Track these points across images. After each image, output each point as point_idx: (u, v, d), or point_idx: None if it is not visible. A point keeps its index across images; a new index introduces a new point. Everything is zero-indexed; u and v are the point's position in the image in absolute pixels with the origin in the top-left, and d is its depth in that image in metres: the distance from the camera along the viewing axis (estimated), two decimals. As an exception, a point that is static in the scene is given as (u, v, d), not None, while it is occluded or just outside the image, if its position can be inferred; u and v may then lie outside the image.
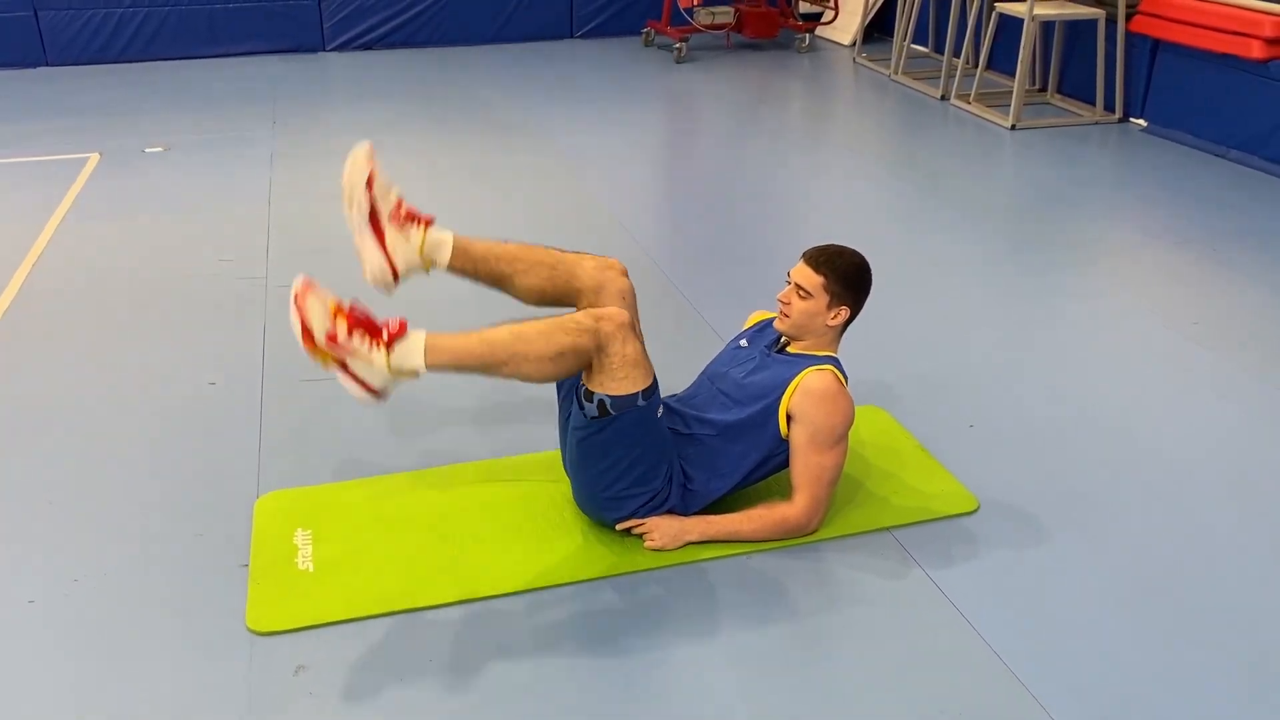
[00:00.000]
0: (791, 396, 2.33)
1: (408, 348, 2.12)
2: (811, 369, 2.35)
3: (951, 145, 5.35)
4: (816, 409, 2.31)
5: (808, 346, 2.43)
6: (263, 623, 2.13)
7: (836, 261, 2.39)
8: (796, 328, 2.41)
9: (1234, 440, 2.78)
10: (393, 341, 2.11)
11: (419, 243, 2.39)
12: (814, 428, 2.31)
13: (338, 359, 2.11)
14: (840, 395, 2.32)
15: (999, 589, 2.24)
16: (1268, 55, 4.72)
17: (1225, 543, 2.39)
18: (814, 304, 2.38)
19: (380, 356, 2.11)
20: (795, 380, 2.34)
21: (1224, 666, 2.04)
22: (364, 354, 2.10)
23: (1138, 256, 3.98)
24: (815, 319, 2.39)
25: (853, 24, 7.39)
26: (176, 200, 4.50)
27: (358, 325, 2.11)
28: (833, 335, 2.45)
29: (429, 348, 2.13)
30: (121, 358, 3.21)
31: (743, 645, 2.09)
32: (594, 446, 2.26)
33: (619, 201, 4.57)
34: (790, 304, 2.40)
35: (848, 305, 2.41)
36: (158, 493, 2.56)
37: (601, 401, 2.18)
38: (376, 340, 2.11)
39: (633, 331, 2.18)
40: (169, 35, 6.98)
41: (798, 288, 2.39)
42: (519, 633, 2.12)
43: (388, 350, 2.11)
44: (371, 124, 5.63)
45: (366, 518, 2.45)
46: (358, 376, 2.13)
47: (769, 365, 2.42)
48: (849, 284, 2.39)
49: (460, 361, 2.15)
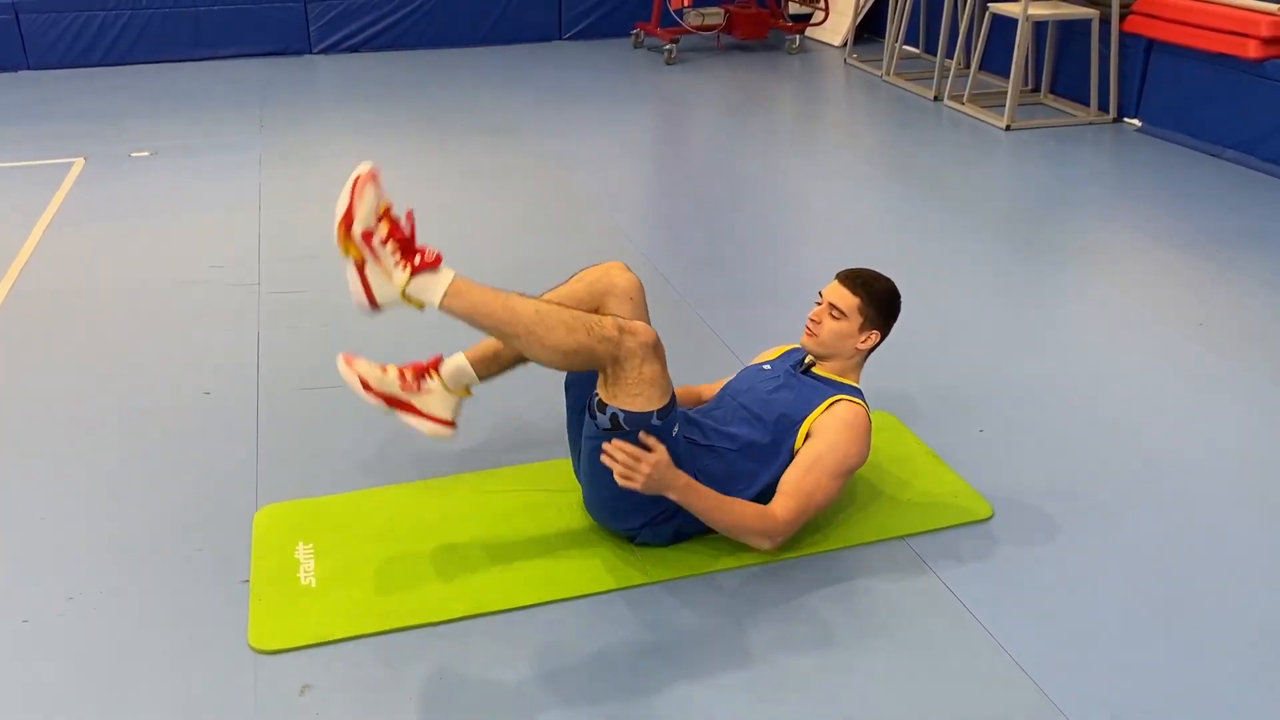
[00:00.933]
0: (818, 419, 2.29)
1: (432, 281, 2.08)
2: (846, 398, 2.31)
3: (948, 146, 5.32)
4: (839, 435, 2.26)
5: (834, 369, 2.41)
6: (266, 640, 2.06)
7: (873, 285, 2.38)
8: (824, 346, 2.39)
9: (1249, 443, 2.75)
10: (421, 269, 2.08)
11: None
12: (829, 450, 2.26)
13: (360, 257, 2.07)
14: (865, 435, 2.29)
15: (1018, 598, 2.20)
16: (1264, 55, 4.71)
17: (1246, 547, 2.36)
18: (846, 325, 2.36)
19: (401, 276, 2.07)
20: (825, 404, 2.30)
21: (1252, 675, 2.01)
22: (387, 266, 2.07)
23: (1140, 258, 3.95)
24: (845, 341, 2.37)
25: (843, 25, 7.37)
26: (164, 205, 4.43)
27: (396, 236, 2.08)
28: (859, 359, 2.43)
29: (452, 290, 2.08)
30: (113, 367, 3.14)
31: (760, 659, 2.04)
32: None
33: (615, 205, 4.52)
34: (821, 323, 2.38)
35: (879, 330, 2.40)
36: (153, 506, 2.49)
37: (614, 415, 2.12)
38: (407, 259, 2.07)
39: (655, 352, 2.11)
40: (153, 38, 6.90)
41: (831, 307, 2.37)
42: (531, 648, 2.07)
43: (411, 274, 2.07)
44: (361, 127, 5.56)
45: (369, 530, 2.39)
46: (368, 282, 2.08)
47: (795, 385, 2.38)
48: (883, 308, 2.39)
49: (475, 316, 2.10)
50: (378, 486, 2.56)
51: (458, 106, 5.95)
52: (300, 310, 3.48)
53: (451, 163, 5.00)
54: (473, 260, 2.12)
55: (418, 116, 5.76)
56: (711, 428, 2.36)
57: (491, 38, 7.44)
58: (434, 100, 6.07)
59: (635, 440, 2.10)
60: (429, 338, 2.73)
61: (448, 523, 2.42)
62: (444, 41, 7.36)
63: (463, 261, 2.44)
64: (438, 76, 6.64)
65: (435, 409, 2.41)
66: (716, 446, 2.33)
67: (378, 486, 2.56)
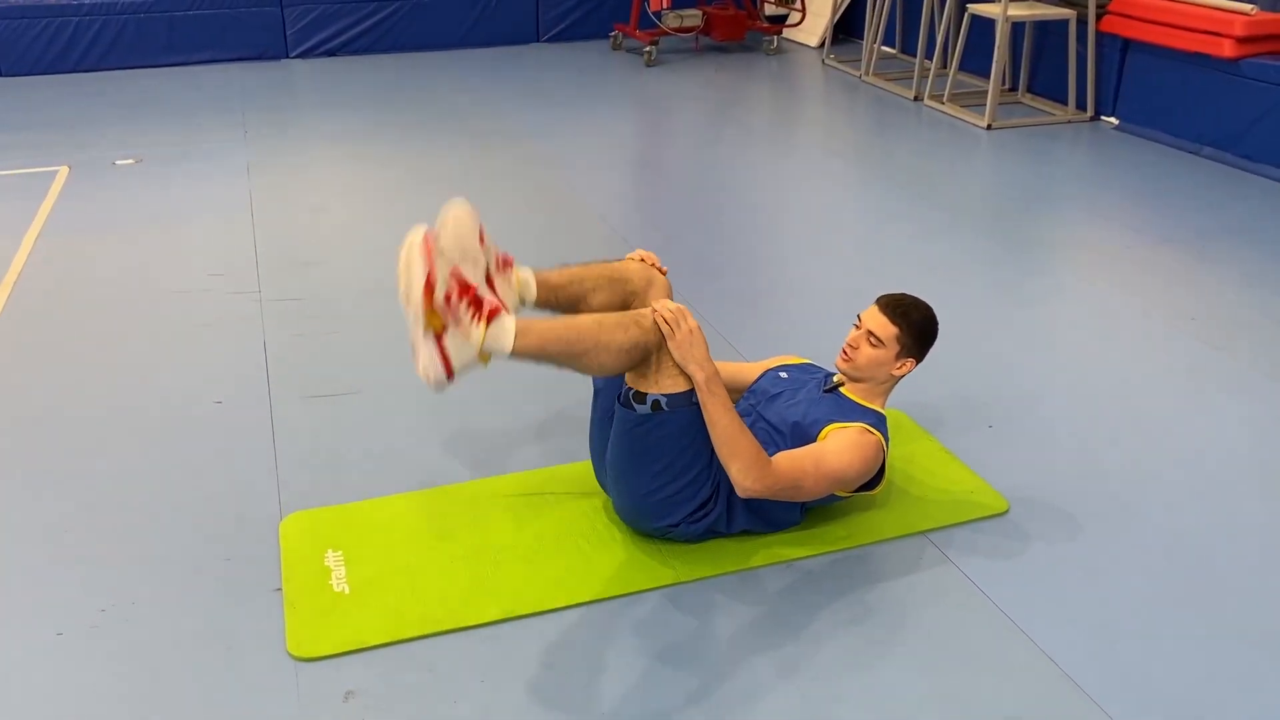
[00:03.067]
0: (834, 431, 2.31)
1: (502, 328, 2.06)
2: (864, 426, 2.31)
3: (930, 146, 5.40)
4: (849, 447, 2.28)
5: (862, 392, 2.42)
6: (305, 648, 2.07)
7: (913, 314, 2.39)
8: (859, 371, 2.40)
9: (1250, 434, 2.83)
10: (492, 317, 2.05)
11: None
12: (835, 453, 2.27)
13: (441, 325, 2.02)
14: (869, 462, 2.29)
15: (1041, 590, 2.25)
16: (1238, 54, 4.82)
17: (1258, 536, 2.43)
18: (884, 353, 2.38)
19: (479, 332, 2.04)
20: (842, 423, 2.31)
21: (1273, 661, 2.07)
22: (465, 325, 2.03)
23: (1127, 254, 4.04)
24: (882, 367, 2.39)
25: (819, 26, 7.44)
26: (156, 213, 4.40)
27: (467, 294, 2.03)
28: (891, 385, 2.44)
29: (520, 330, 2.08)
30: (121, 379, 3.12)
31: (793, 656, 2.08)
32: (646, 447, 2.22)
33: (605, 207, 4.54)
34: (859, 349, 2.39)
35: (915, 358, 2.41)
36: (177, 517, 2.49)
37: (656, 401, 2.17)
38: (479, 314, 2.04)
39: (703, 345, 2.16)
40: (127, 44, 6.83)
41: (870, 334, 2.38)
42: (568, 649, 2.09)
43: (487, 325, 2.04)
44: (345, 132, 5.55)
45: (397, 536, 2.41)
46: (446, 351, 2.03)
47: (816, 401, 2.40)
48: (921, 338, 2.40)
49: (545, 347, 2.10)
50: (399, 492, 2.57)
51: (440, 110, 5.94)
52: (304, 318, 3.48)
53: (438, 167, 5.01)
54: None
55: (401, 121, 5.75)
56: None
57: (469, 40, 7.43)
58: (416, 104, 6.07)
59: (679, 418, 2.16)
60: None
61: (473, 526, 2.43)
62: (421, 45, 7.35)
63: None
64: (417, 80, 6.62)
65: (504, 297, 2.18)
66: None
67: (399, 492, 2.57)
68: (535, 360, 2.13)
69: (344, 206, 4.55)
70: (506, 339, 2.07)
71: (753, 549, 2.35)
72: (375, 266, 3.93)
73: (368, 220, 4.41)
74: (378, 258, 4.02)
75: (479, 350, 2.05)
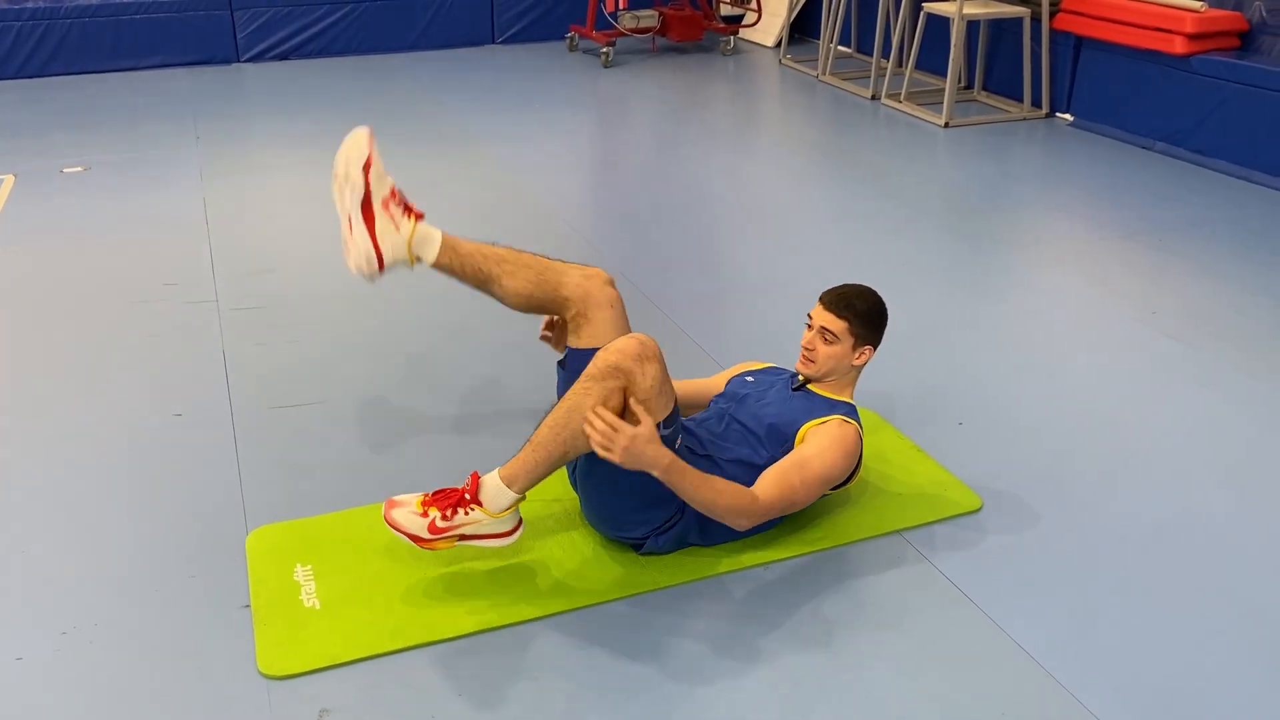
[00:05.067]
0: (811, 430, 2.32)
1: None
2: (840, 418, 2.34)
3: (889, 144, 5.42)
4: (829, 446, 2.29)
5: (829, 388, 2.45)
6: (276, 666, 2.02)
7: (859, 305, 2.41)
8: (823, 370, 2.42)
9: (1215, 424, 2.86)
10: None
11: (408, 234, 2.36)
12: (817, 455, 2.28)
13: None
14: (852, 454, 2.32)
15: (1017, 585, 2.26)
16: (1189, 50, 4.89)
17: (1226, 525, 2.45)
18: (840, 348, 2.40)
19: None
20: (817, 420, 2.33)
21: (1248, 651, 2.09)
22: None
23: (1087, 249, 4.07)
24: (842, 361, 2.42)
25: (775, 26, 7.45)
26: (107, 222, 4.30)
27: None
28: (855, 375, 2.48)
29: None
30: (78, 392, 3.04)
31: (773, 658, 2.06)
32: (603, 470, 2.20)
33: (568, 209, 4.51)
34: (815, 349, 2.41)
35: (871, 345, 2.43)
36: (139, 534, 2.42)
37: None
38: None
39: (656, 361, 2.10)
40: (71, 49, 6.67)
41: (823, 330, 2.39)
42: (547, 660, 2.06)
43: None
44: (301, 136, 5.46)
45: (367, 549, 2.36)
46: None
47: (787, 401, 2.41)
48: (871, 324, 2.43)
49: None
50: (368, 504, 2.52)
51: (396, 114, 5.87)
52: (264, 326, 3.41)
53: (397, 172, 4.91)
54: (434, 275, 2.16)
55: (356, 124, 5.64)
56: (708, 438, 2.37)
57: (423, 43, 7.36)
58: (372, 108, 5.99)
59: None
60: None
61: (446, 537, 2.39)
62: (375, 48, 7.26)
63: (423, 275, 2.45)
64: (372, 84, 6.55)
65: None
66: (714, 457, 2.34)
67: (368, 504, 2.52)
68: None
69: (301, 212, 4.47)
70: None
71: (730, 553, 2.33)
72: (335, 272, 3.85)
73: (326, 225, 4.33)
74: (337, 263, 3.95)
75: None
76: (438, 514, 2.10)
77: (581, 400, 2.08)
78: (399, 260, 2.40)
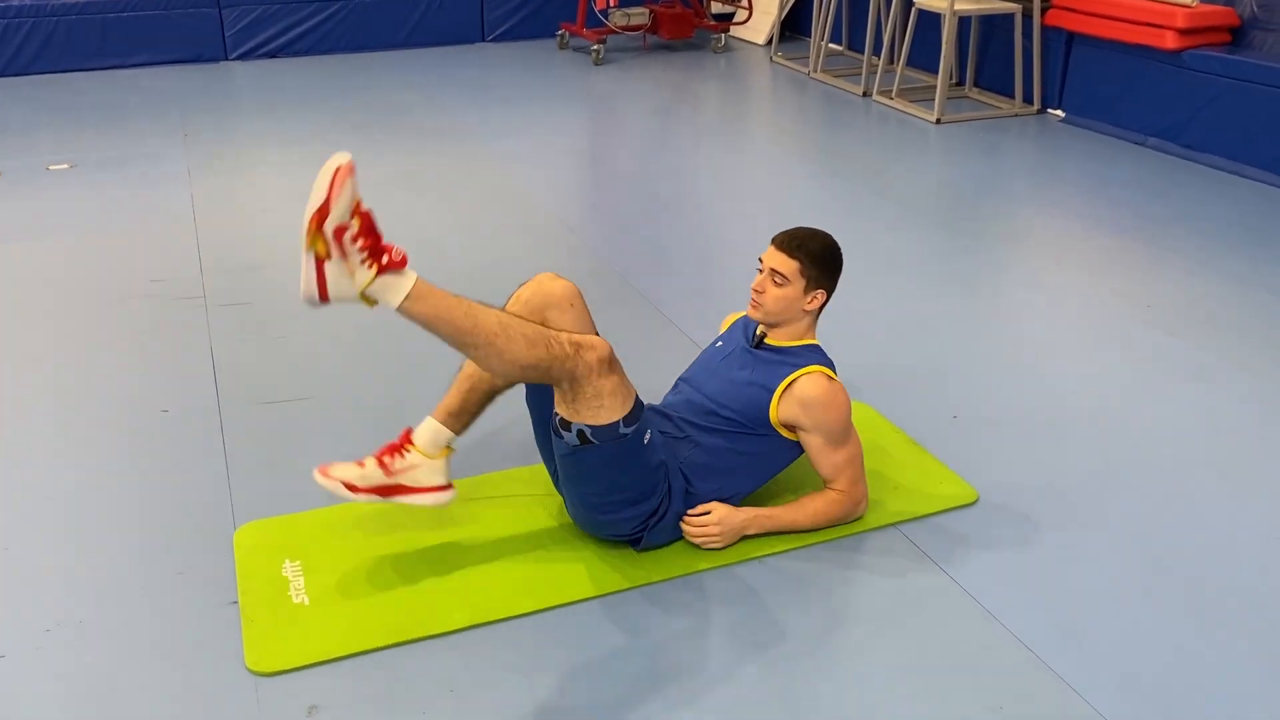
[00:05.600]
0: (781, 402, 2.28)
1: (395, 283, 1.95)
2: (799, 374, 2.29)
3: (881, 140, 5.40)
4: (821, 415, 2.28)
5: (787, 336, 2.37)
6: (264, 663, 1.99)
7: (810, 244, 2.32)
8: (772, 315, 2.34)
9: (1209, 417, 2.84)
10: (386, 269, 1.95)
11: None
12: (824, 432, 2.29)
13: (325, 253, 1.92)
14: (835, 393, 2.29)
15: (1014, 578, 2.23)
16: (1181, 45, 4.88)
17: (1222, 517, 2.44)
18: (791, 290, 2.31)
19: (365, 276, 1.94)
20: (783, 385, 2.28)
21: (1244, 642, 2.07)
22: (353, 263, 1.94)
23: (1081, 244, 4.06)
24: (792, 305, 2.33)
25: (766, 23, 7.44)
26: (93, 219, 4.25)
27: (367, 234, 1.95)
28: (810, 321, 2.39)
29: (415, 294, 1.96)
30: (63, 388, 3.00)
31: (770, 653, 2.03)
32: (581, 472, 2.17)
33: (559, 205, 4.48)
34: (765, 292, 2.32)
35: (824, 289, 2.35)
36: (125, 530, 2.39)
37: (581, 431, 2.08)
38: (374, 260, 1.95)
39: (612, 365, 2.06)
40: (57, 48, 6.62)
41: (773, 273, 2.31)
42: (537, 654, 2.03)
43: (377, 274, 1.94)
44: (290, 134, 5.43)
45: (355, 544, 2.33)
46: (325, 277, 1.94)
47: (751, 364, 2.36)
48: (824, 266, 2.33)
49: (434, 322, 1.99)
50: (357, 500, 2.48)
51: (386, 111, 5.84)
52: (251, 322, 3.37)
53: (387, 168, 4.91)
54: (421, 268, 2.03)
55: (346, 122, 5.64)
56: (681, 419, 2.35)
57: (412, 41, 7.32)
58: (361, 105, 5.96)
59: (609, 450, 2.09)
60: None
61: (435, 532, 2.36)
62: (364, 45, 7.22)
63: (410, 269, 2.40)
64: (361, 81, 6.51)
65: (426, 479, 2.28)
66: (692, 437, 2.32)
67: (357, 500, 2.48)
68: (424, 328, 2.02)
69: (291, 209, 4.41)
70: (393, 297, 1.96)
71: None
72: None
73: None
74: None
75: (359, 292, 1.95)
76: (355, 229, 1.95)
77: (535, 345, 2.00)
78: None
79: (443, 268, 3.77)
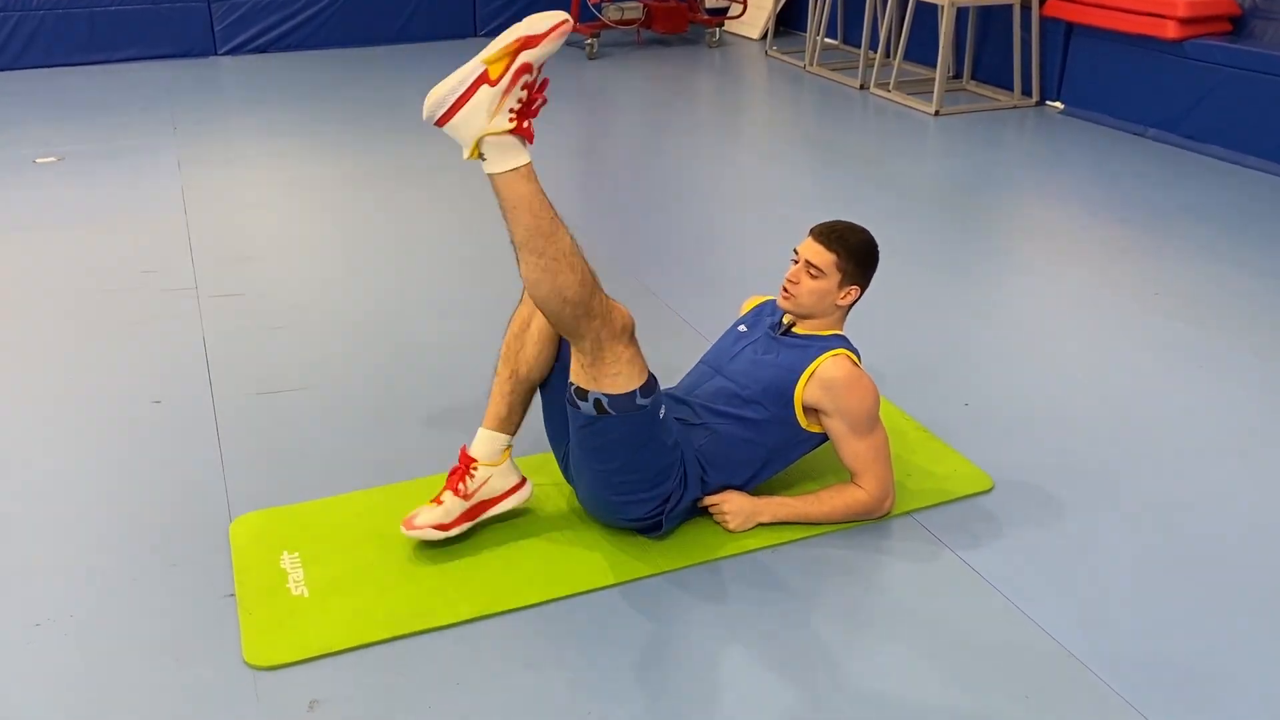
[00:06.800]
0: (807, 386, 2.23)
1: (515, 151, 1.91)
2: (825, 356, 2.24)
3: (879, 133, 5.36)
4: (845, 399, 2.22)
5: (814, 326, 2.33)
6: (263, 657, 1.92)
7: (849, 238, 2.29)
8: (803, 308, 2.30)
9: (1221, 403, 2.80)
10: (520, 131, 1.91)
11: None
12: (849, 418, 2.23)
13: (495, 76, 1.87)
14: (861, 378, 2.24)
15: (1033, 566, 2.18)
16: (1182, 35, 4.85)
17: (1238, 502, 2.39)
18: (825, 283, 2.27)
19: (501, 123, 1.89)
20: (810, 368, 2.23)
21: (1268, 624, 2.02)
22: (504, 104, 1.89)
23: (1084, 234, 4.02)
24: (825, 299, 2.29)
25: (760, 18, 7.39)
26: (81, 211, 4.17)
27: (535, 94, 1.91)
28: (840, 315, 2.35)
29: (524, 171, 1.92)
30: (55, 381, 2.92)
31: (788, 644, 1.97)
32: (597, 446, 2.11)
33: (556, 198, 4.39)
34: (799, 283, 2.28)
35: (859, 284, 2.32)
36: (118, 523, 2.31)
37: (598, 400, 2.03)
38: (519, 119, 1.90)
39: (633, 336, 2.04)
40: (44, 41, 6.53)
41: (809, 265, 2.27)
42: (546, 646, 1.97)
43: (512, 130, 1.89)
44: (281, 128, 5.35)
45: (356, 535, 2.26)
46: (472, 95, 1.89)
47: (776, 349, 2.31)
48: (861, 262, 2.30)
49: (518, 208, 1.92)
50: (354, 490, 2.42)
51: (377, 106, 5.76)
52: (245, 313, 3.30)
53: (379, 162, 4.84)
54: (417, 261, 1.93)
55: (337, 117, 5.56)
56: (700, 405, 2.29)
57: (404, 36, 7.25)
58: (351, 100, 5.88)
59: (626, 422, 2.03)
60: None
61: (439, 523, 2.29)
62: (355, 41, 7.14)
63: (406, 262, 2.32)
64: (352, 76, 6.43)
65: (501, 485, 2.24)
66: (709, 424, 2.26)
67: (354, 490, 2.42)
68: (501, 208, 1.96)
69: (283, 202, 4.36)
70: (506, 161, 1.91)
71: (736, 537, 2.24)
72: (318, 260, 3.77)
73: (308, 215, 4.24)
74: (320, 252, 3.86)
75: (483, 133, 1.89)
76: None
77: (587, 283, 1.95)
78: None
79: (436, 260, 3.71)
